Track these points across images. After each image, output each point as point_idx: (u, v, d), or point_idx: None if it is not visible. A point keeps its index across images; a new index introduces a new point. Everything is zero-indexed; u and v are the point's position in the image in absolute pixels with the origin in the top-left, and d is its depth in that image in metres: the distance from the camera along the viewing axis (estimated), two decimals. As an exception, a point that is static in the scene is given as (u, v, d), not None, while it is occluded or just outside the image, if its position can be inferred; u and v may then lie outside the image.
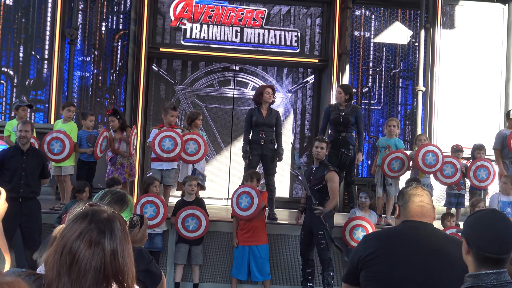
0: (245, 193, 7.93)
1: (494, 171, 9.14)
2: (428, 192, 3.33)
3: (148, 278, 3.08)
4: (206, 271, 8.35)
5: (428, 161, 8.92)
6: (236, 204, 7.95)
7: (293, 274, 8.32)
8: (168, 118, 8.77)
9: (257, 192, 7.93)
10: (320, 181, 7.62)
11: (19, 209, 7.36)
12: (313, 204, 7.50)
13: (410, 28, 12.68)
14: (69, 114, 9.00)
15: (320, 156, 7.74)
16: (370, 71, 12.74)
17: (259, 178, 8.32)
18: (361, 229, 8.05)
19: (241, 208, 7.91)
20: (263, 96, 8.97)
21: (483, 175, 9.12)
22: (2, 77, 11.48)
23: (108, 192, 3.14)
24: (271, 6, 12.63)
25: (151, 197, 7.82)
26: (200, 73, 12.80)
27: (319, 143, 7.80)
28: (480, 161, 9.21)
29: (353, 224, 8.14)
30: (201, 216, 7.99)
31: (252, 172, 8.37)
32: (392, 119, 9.45)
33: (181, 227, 7.97)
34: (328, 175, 7.57)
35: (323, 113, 9.39)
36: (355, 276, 3.23)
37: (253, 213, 7.84)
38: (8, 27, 11.55)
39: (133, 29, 11.90)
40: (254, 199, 7.82)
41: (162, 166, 8.66)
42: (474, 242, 2.42)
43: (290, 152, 12.80)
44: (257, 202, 7.82)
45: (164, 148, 8.49)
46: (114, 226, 1.85)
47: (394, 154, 8.86)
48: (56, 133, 8.62)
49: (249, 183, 8.13)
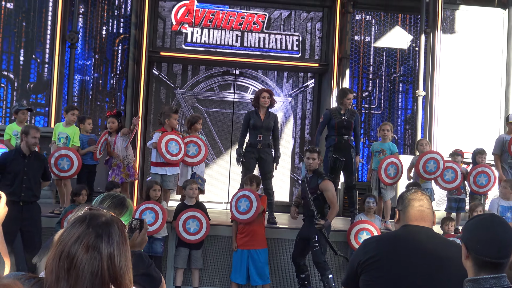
0: (244, 196, 7.92)
1: (495, 177, 9.13)
2: (428, 196, 3.33)
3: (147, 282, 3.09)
4: (205, 275, 8.34)
5: (429, 168, 8.94)
6: (235, 207, 7.94)
7: (292, 278, 8.29)
8: (172, 122, 8.74)
9: (256, 196, 7.92)
10: (315, 191, 7.58)
11: (20, 213, 7.34)
12: (315, 219, 7.46)
13: (410, 32, 12.70)
14: (73, 118, 8.94)
15: (313, 167, 7.68)
16: (370, 76, 12.76)
17: (258, 182, 8.30)
18: (365, 233, 8.04)
19: (240, 212, 7.91)
20: (259, 100, 8.97)
21: (483, 181, 9.11)
22: (3, 81, 11.50)
23: (107, 196, 3.14)
24: (272, 10, 12.65)
25: (150, 204, 7.81)
26: (200, 77, 12.82)
27: (310, 154, 7.72)
28: (481, 167, 9.20)
29: (358, 228, 8.13)
30: (202, 218, 7.99)
31: (252, 176, 8.35)
32: (385, 123, 9.45)
33: (182, 230, 7.96)
34: (322, 184, 7.52)
35: (322, 117, 9.32)
36: (355, 280, 3.22)
37: (252, 216, 7.83)
38: (9, 30, 11.57)
39: (133, 33, 11.92)
40: (253, 203, 7.82)
41: (165, 171, 8.62)
42: (473, 246, 2.42)
43: (290, 157, 12.81)
44: (256, 206, 7.81)
45: (170, 151, 8.50)
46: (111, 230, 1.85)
47: (388, 160, 8.88)
48: (63, 151, 8.53)
49: (249, 187, 8.12)
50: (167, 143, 8.47)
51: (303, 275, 7.83)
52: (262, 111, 8.99)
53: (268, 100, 8.96)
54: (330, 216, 7.49)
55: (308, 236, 7.57)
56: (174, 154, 8.50)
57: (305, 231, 7.72)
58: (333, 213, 7.52)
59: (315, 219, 7.44)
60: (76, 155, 8.52)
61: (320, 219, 7.43)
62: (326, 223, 7.43)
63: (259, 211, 7.87)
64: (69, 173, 8.55)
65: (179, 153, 8.54)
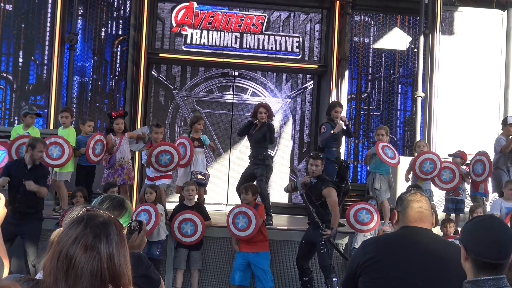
0: (242, 213, 7.88)
1: (490, 166, 9.13)
2: (427, 198, 3.33)
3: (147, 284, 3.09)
4: (204, 276, 8.33)
5: (425, 168, 8.98)
6: (233, 224, 7.91)
7: (293, 280, 8.29)
8: (152, 136, 8.83)
9: (254, 211, 7.86)
10: (319, 197, 7.59)
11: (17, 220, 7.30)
12: (321, 229, 7.45)
13: (409, 34, 12.70)
14: (63, 121, 9.03)
15: (316, 173, 7.69)
16: (369, 77, 12.75)
17: (254, 191, 8.19)
18: (365, 212, 8.16)
19: (238, 229, 7.88)
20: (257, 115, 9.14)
21: (479, 169, 9.17)
22: (2, 82, 11.49)
23: (106, 197, 3.14)
24: (271, 12, 12.65)
25: (146, 206, 7.82)
26: (199, 79, 12.81)
27: (313, 160, 7.70)
28: (479, 155, 9.28)
29: (356, 207, 8.22)
30: (197, 220, 7.96)
31: (249, 185, 8.29)
32: (381, 127, 9.61)
33: (177, 232, 7.96)
34: (325, 191, 7.53)
35: (324, 129, 9.33)
36: (354, 281, 3.22)
37: (252, 233, 7.81)
38: (8, 32, 11.56)
39: (132, 34, 11.91)
40: (252, 220, 7.77)
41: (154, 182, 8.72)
42: (472, 247, 2.41)
43: (289, 158, 12.81)
44: (255, 222, 7.76)
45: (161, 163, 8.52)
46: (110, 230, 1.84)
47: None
48: (54, 138, 8.60)
49: (244, 195, 8.09)
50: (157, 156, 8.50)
51: (306, 278, 7.84)
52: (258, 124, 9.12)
53: (264, 116, 9.04)
54: (334, 224, 7.49)
55: (314, 240, 7.57)
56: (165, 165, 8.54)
57: (310, 235, 7.72)
58: (336, 219, 7.52)
59: (321, 229, 7.44)
60: (67, 144, 8.52)
61: (326, 228, 7.44)
62: (332, 232, 7.45)
63: (259, 226, 7.84)
64: (60, 161, 8.53)
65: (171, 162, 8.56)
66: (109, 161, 8.82)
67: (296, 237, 8.26)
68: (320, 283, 7.88)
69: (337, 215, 7.53)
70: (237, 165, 12.08)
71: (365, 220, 8.13)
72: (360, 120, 12.63)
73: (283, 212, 11.67)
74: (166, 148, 8.59)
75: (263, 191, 8.89)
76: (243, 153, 11.91)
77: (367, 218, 8.11)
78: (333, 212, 7.50)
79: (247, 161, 9.55)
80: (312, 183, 7.71)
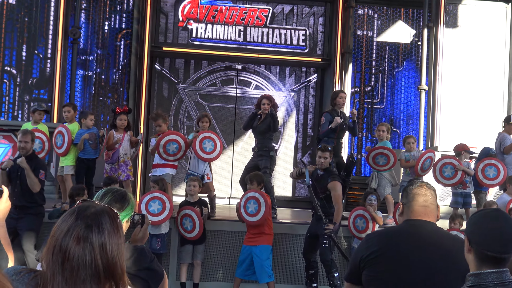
0: (253, 198, 7.87)
1: (504, 169, 9.04)
2: (433, 191, 3.29)
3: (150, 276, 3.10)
4: (208, 270, 8.34)
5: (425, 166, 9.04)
6: (244, 208, 7.92)
7: (297, 273, 8.31)
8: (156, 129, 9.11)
9: (265, 198, 7.84)
10: (324, 190, 7.59)
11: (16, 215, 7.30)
12: (324, 224, 7.46)
13: (413, 27, 12.67)
14: (65, 115, 9.12)
15: (324, 166, 7.70)
16: (373, 70, 12.73)
17: (260, 181, 8.14)
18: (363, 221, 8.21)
19: (248, 214, 7.88)
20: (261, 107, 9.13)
21: (491, 173, 9.03)
22: (5, 76, 11.50)
23: (109, 190, 3.14)
24: (274, 5, 12.63)
25: (157, 194, 7.84)
26: (203, 72, 12.80)
27: (322, 153, 7.71)
28: (488, 159, 9.16)
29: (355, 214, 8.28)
30: (195, 216, 7.96)
31: (253, 175, 8.25)
32: (381, 124, 9.58)
33: (180, 227, 8.03)
34: (331, 184, 7.53)
35: (323, 120, 9.27)
36: (358, 275, 3.22)
37: (261, 219, 7.78)
38: (11, 26, 11.56)
39: (136, 28, 11.91)
40: (262, 206, 7.76)
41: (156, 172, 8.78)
42: (475, 240, 2.41)
43: (293, 152, 12.80)
44: (264, 209, 7.74)
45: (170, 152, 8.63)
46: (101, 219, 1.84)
47: (379, 150, 9.06)
48: (60, 127, 8.84)
49: (249, 186, 8.09)
50: (165, 145, 8.65)
51: (312, 271, 7.85)
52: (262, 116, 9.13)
53: (268, 107, 9.03)
54: (337, 218, 7.47)
55: (317, 233, 7.58)
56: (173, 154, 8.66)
57: (314, 227, 7.74)
58: (339, 214, 7.51)
59: (324, 224, 7.44)
60: (67, 132, 8.70)
61: (329, 223, 7.43)
62: (335, 227, 7.45)
63: (268, 214, 7.83)
64: (61, 150, 8.78)
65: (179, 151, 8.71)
66: (112, 156, 8.80)
67: (300, 230, 8.26)
68: (322, 277, 7.88)
69: (340, 209, 7.52)
70: (241, 158, 12.08)
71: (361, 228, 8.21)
72: (364, 113, 12.61)
73: (287, 205, 11.68)
74: (173, 137, 8.76)
75: (267, 184, 8.87)
76: (247, 146, 11.91)
77: (362, 228, 8.17)
78: (336, 207, 7.49)
79: (250, 155, 9.54)
80: (319, 175, 7.71)
